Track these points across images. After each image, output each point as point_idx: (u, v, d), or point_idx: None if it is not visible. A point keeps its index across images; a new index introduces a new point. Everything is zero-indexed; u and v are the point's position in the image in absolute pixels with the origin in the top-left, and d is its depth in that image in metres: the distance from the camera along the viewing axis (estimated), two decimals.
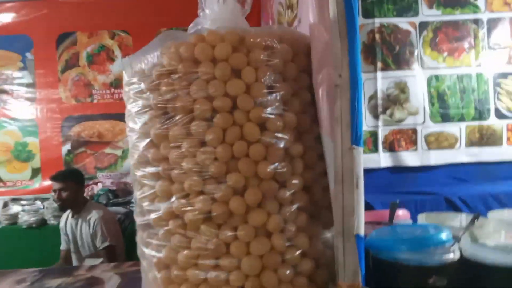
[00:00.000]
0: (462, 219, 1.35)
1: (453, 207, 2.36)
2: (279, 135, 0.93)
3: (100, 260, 2.80)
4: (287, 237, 0.93)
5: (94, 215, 2.87)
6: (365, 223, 1.27)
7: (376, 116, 2.61)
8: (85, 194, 3.24)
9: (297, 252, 0.93)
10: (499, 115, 2.60)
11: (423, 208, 2.34)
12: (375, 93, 2.61)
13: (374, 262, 1.02)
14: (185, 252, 0.93)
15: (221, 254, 0.91)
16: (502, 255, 0.95)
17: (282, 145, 0.93)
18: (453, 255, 0.98)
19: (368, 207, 2.31)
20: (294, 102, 0.98)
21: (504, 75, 2.60)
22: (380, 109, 2.61)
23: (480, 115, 2.59)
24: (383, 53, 2.62)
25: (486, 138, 2.59)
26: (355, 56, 0.89)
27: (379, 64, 2.62)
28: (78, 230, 2.92)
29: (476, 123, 2.58)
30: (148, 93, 0.98)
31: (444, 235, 1.02)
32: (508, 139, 2.59)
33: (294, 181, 0.95)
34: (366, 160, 2.58)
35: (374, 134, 2.59)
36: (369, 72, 2.61)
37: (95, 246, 2.86)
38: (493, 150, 2.59)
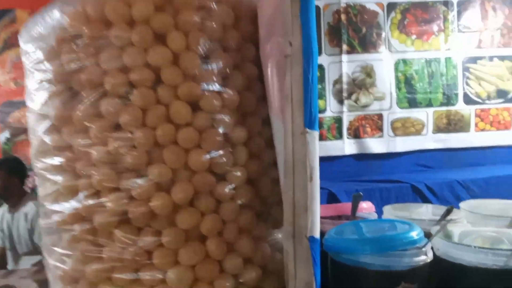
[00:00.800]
0: (431, 210, 1.23)
1: (420, 195, 2.32)
2: (217, 116, 0.81)
3: (39, 258, 2.58)
4: (226, 241, 0.81)
5: (32, 209, 2.63)
6: (325, 218, 1.15)
7: (341, 101, 2.52)
8: (26, 186, 2.98)
9: (239, 259, 0.81)
10: (467, 100, 2.56)
11: (388, 197, 2.28)
12: (340, 77, 2.52)
13: (333, 266, 0.90)
14: (95, 263, 0.79)
15: (141, 266, 0.78)
16: (481, 255, 0.86)
17: (220, 129, 0.81)
18: (425, 257, 0.87)
19: (332, 197, 2.22)
20: (236, 76, 0.85)
21: (473, 60, 2.54)
22: (345, 94, 2.53)
23: (448, 100, 2.54)
24: (349, 35, 2.53)
25: (453, 124, 2.55)
26: (308, 20, 0.76)
27: (344, 47, 2.52)
28: (15, 226, 2.68)
29: (444, 108, 2.54)
30: (47, 64, 0.82)
31: (415, 233, 0.89)
32: (476, 125, 2.55)
33: (236, 173, 0.83)
34: (330, 147, 2.52)
35: (338, 120, 2.50)
36: (334, 55, 2.52)
37: (33, 242, 2.63)
38: (460, 136, 2.57)
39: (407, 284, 0.84)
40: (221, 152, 0.80)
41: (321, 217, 1.02)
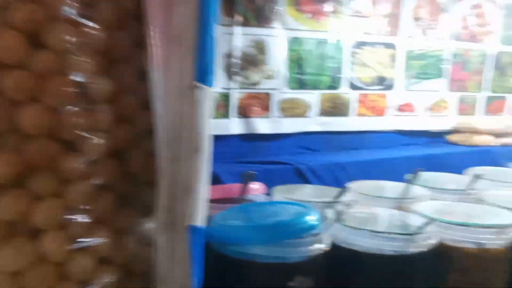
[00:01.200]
0: (321, 191, 1.16)
1: (302, 178, 2.32)
2: (71, 57, 0.61)
3: None
4: (74, 235, 0.62)
5: None
6: (210, 201, 0.99)
7: (230, 77, 2.39)
8: None
9: (90, 260, 0.64)
10: (352, 85, 2.63)
11: (273, 179, 2.24)
12: (231, 50, 2.37)
13: (216, 259, 0.77)
14: None
15: None
16: (378, 240, 0.81)
17: (74, 76, 0.61)
18: (323, 245, 0.77)
19: (216, 179, 2.09)
20: (105, 6, 0.66)
21: (360, 45, 2.62)
22: (235, 70, 2.39)
23: (334, 84, 2.59)
24: (243, 6, 2.37)
25: (337, 108, 2.63)
26: None
27: (238, 18, 2.37)
28: None
29: (329, 91, 2.58)
30: None
31: (313, 218, 0.79)
32: (357, 109, 2.66)
33: (95, 141, 0.65)
34: (216, 126, 2.38)
35: (227, 98, 2.37)
36: (226, 26, 2.34)
37: None
38: (342, 120, 2.64)
39: (303, 278, 0.74)
40: (72, 109, 0.60)
41: None
